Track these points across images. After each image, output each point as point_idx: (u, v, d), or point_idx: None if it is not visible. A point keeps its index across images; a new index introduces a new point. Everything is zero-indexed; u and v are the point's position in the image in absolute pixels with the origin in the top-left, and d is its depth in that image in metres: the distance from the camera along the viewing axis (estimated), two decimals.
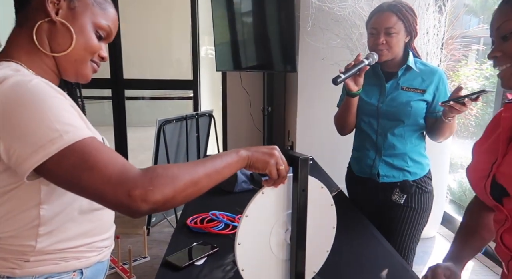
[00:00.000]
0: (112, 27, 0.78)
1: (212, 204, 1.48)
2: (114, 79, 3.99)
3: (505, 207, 0.78)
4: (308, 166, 0.77)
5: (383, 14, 1.36)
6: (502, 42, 0.78)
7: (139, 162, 4.48)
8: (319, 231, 0.86)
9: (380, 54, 1.37)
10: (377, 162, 1.47)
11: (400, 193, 1.41)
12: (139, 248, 2.54)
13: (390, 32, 1.34)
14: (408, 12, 1.36)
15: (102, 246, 0.80)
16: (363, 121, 1.51)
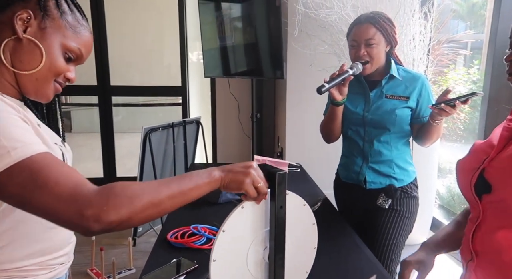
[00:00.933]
0: (83, 51, 0.76)
1: (195, 216, 1.44)
2: (101, 86, 3.93)
3: (482, 203, 0.78)
4: (286, 182, 0.74)
5: (362, 26, 1.37)
6: None
7: (128, 169, 4.41)
8: (298, 250, 0.82)
9: (364, 68, 1.37)
10: (364, 169, 1.48)
11: (385, 197, 1.42)
12: (124, 259, 2.48)
13: (370, 43, 1.36)
14: (386, 23, 1.37)
15: (56, 263, 0.77)
16: (350, 129, 1.52)
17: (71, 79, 0.76)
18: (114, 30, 3.94)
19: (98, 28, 3.77)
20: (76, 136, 7.19)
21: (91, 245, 2.36)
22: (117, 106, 4.20)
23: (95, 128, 4.40)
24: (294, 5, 2.48)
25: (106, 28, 3.80)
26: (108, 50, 3.86)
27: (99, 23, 3.76)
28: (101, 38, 3.80)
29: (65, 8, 0.73)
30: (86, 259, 2.43)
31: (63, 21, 0.72)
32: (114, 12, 3.99)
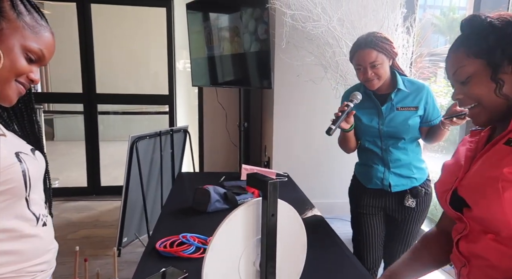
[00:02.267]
0: (45, 51, 0.76)
1: (183, 225, 1.44)
2: (86, 94, 3.89)
3: (465, 216, 0.82)
4: (278, 190, 0.76)
5: (363, 51, 1.47)
6: (461, 86, 0.82)
7: (113, 178, 4.34)
8: (289, 259, 0.84)
9: (371, 85, 1.52)
10: (387, 175, 1.60)
11: (412, 199, 1.58)
12: (109, 270, 2.43)
13: (375, 65, 1.47)
14: (385, 42, 1.47)
15: (36, 270, 0.77)
16: (367, 141, 1.64)
17: (34, 80, 0.76)
18: (101, 38, 3.92)
19: (84, 36, 3.76)
20: (59, 144, 7.05)
21: (74, 256, 2.30)
22: (102, 114, 4.16)
23: (79, 136, 4.33)
24: (282, 17, 2.53)
25: (92, 36, 3.78)
26: (95, 58, 3.84)
27: (86, 31, 3.74)
28: (87, 46, 3.78)
29: (22, 9, 0.73)
30: (69, 270, 2.37)
31: (21, 22, 0.72)
32: (101, 20, 3.98)
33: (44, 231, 0.79)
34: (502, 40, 0.75)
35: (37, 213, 0.77)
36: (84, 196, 3.97)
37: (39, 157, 0.81)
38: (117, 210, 3.65)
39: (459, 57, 0.80)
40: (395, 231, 1.66)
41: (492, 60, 0.76)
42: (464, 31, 0.82)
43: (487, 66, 0.77)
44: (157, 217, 2.86)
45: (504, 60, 0.76)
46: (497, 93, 0.76)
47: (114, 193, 3.96)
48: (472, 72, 0.78)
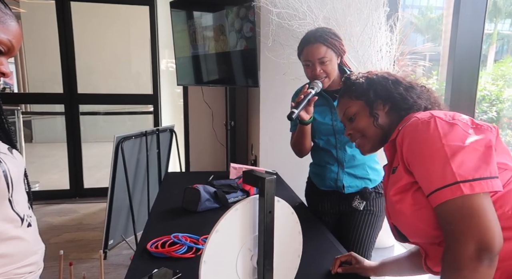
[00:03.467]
0: (13, 42, 0.72)
1: (174, 225, 1.42)
2: (67, 94, 3.79)
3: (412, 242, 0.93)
4: (275, 187, 0.75)
5: (313, 46, 1.43)
6: (350, 123, 1.03)
7: (96, 180, 4.25)
8: (285, 257, 0.84)
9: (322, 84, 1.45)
10: (341, 175, 1.54)
11: (360, 200, 1.49)
12: (95, 274, 2.38)
13: (324, 61, 1.43)
14: (334, 38, 1.44)
15: (23, 272, 0.75)
16: (321, 139, 1.57)
17: (6, 73, 0.73)
18: (82, 37, 3.83)
19: (64, 35, 3.66)
20: (38, 146, 6.84)
21: (58, 260, 2.24)
22: (84, 115, 4.06)
23: (59, 138, 4.22)
24: (268, 15, 2.53)
25: (73, 34, 3.69)
26: (75, 58, 3.74)
27: (65, 29, 3.65)
28: (67, 45, 3.68)
29: None
30: (53, 275, 2.30)
31: None
32: (82, 20, 3.88)
33: (29, 232, 0.76)
34: (372, 85, 1.00)
35: (21, 213, 0.74)
36: (66, 199, 3.87)
37: (17, 156, 0.78)
38: (101, 213, 3.57)
39: (345, 101, 1.04)
40: (347, 235, 1.55)
41: (368, 100, 0.99)
42: (346, 83, 1.07)
43: (365, 105, 0.99)
44: (144, 218, 2.82)
45: (376, 99, 0.98)
46: (375, 124, 0.97)
47: (98, 195, 3.88)
48: (355, 111, 1.01)
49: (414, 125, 0.83)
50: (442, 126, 0.79)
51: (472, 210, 0.71)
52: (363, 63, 2.61)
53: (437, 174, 0.75)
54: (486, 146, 0.76)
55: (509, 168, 0.81)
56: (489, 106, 5.82)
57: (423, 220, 0.82)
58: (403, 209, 0.84)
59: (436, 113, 0.83)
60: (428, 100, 0.96)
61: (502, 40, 7.60)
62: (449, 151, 0.75)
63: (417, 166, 0.81)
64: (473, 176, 0.72)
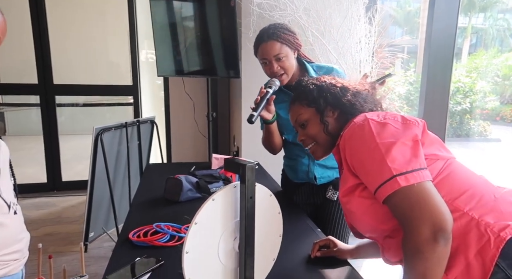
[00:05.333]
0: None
1: (156, 215, 1.43)
2: (42, 85, 3.67)
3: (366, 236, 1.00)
4: (255, 173, 0.77)
5: (267, 44, 1.43)
6: (302, 129, 1.07)
7: (75, 173, 4.17)
8: (266, 239, 0.86)
9: (280, 81, 1.45)
10: (312, 167, 1.56)
11: (333, 190, 1.52)
12: (75, 266, 2.36)
13: (280, 57, 1.42)
14: (287, 33, 1.44)
15: (8, 259, 0.76)
16: (289, 134, 1.59)
17: None
18: (57, 26, 3.70)
19: (38, 23, 3.53)
20: (11, 139, 6.61)
21: (37, 254, 2.20)
22: (60, 107, 3.95)
23: (33, 130, 4.09)
24: (249, 6, 2.53)
25: (47, 24, 3.56)
26: (51, 47, 3.62)
27: (39, 17, 3.52)
28: (41, 33, 3.56)
29: None
30: (32, 268, 2.26)
31: None
32: (56, 8, 3.75)
33: (14, 220, 0.76)
34: (322, 92, 1.03)
35: (8, 200, 0.74)
36: (43, 193, 3.78)
37: (2, 145, 0.77)
38: (80, 206, 3.51)
39: (296, 108, 1.08)
40: (324, 226, 1.56)
41: (319, 107, 1.03)
42: (296, 90, 1.12)
43: (316, 113, 1.03)
44: (125, 210, 2.80)
45: (326, 107, 1.02)
46: (325, 131, 1.01)
47: (77, 188, 3.81)
48: (307, 118, 1.05)
49: (352, 130, 0.89)
50: (375, 126, 0.85)
51: (417, 196, 0.76)
52: (342, 55, 2.65)
53: (376, 172, 0.81)
54: (414, 140, 0.82)
55: (440, 158, 0.87)
56: (463, 98, 6.01)
57: (371, 217, 0.88)
58: (352, 209, 0.91)
59: (370, 115, 0.90)
60: (372, 103, 1.03)
61: (476, 33, 7.81)
62: (383, 148, 0.81)
63: (359, 168, 0.86)
64: (406, 169, 0.78)
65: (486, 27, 8.72)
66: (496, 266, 0.76)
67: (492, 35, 8.45)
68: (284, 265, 1.04)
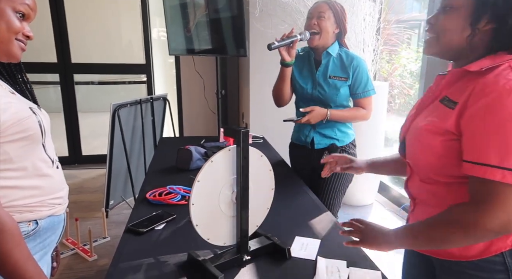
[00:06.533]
0: (31, 6, 0.86)
1: (169, 180, 1.62)
2: (62, 63, 3.87)
3: (407, 161, 0.97)
4: (248, 138, 0.94)
5: (318, 4, 1.67)
6: (442, 13, 0.83)
7: (93, 148, 4.42)
8: (260, 192, 1.03)
9: (311, 41, 1.62)
10: (311, 133, 1.77)
11: (328, 154, 1.65)
12: (98, 230, 2.61)
13: (321, 15, 1.61)
14: (339, 7, 1.64)
15: (54, 203, 0.94)
16: (301, 101, 1.79)
17: (30, 36, 0.88)
18: (73, 6, 3.85)
19: (55, 4, 3.68)
20: None
21: None
22: (77, 85, 4.14)
23: (52, 108, 4.31)
24: None
25: (64, 4, 3.71)
26: (68, 27, 3.79)
27: None
28: (59, 14, 3.72)
29: None
30: None
31: None
32: None
33: (57, 172, 0.95)
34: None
35: (51, 157, 0.93)
36: (66, 165, 4.05)
37: (45, 113, 0.95)
38: (100, 177, 3.77)
39: None
40: (318, 189, 1.73)
41: (481, 4, 0.77)
42: None
43: (473, 9, 0.78)
44: (141, 180, 3.03)
45: (486, 11, 0.76)
46: (466, 38, 0.79)
47: (96, 162, 4.07)
48: (459, 4, 0.79)
49: (498, 91, 0.71)
50: None
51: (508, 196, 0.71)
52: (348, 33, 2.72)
53: (488, 148, 0.71)
54: None
55: None
56: None
57: (437, 159, 0.82)
58: (425, 142, 0.84)
59: None
60: None
61: None
62: None
63: (473, 135, 0.74)
64: None
65: None
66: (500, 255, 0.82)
67: None
68: (278, 214, 1.23)
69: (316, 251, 1.06)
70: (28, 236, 0.88)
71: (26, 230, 0.87)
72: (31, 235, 0.89)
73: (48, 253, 0.96)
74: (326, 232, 1.19)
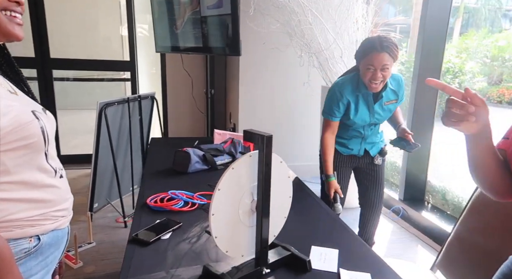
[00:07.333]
0: None
1: (168, 184, 1.53)
2: (39, 58, 3.66)
3: None
4: (272, 143, 0.88)
5: (379, 54, 1.60)
6: None
7: (72, 147, 4.22)
8: (278, 200, 0.98)
9: (374, 88, 1.68)
10: (363, 145, 1.91)
11: (380, 157, 1.92)
12: (82, 234, 2.48)
13: (385, 68, 1.63)
14: (396, 49, 1.63)
15: (57, 215, 0.85)
16: (354, 129, 1.86)
17: (19, 1, 0.76)
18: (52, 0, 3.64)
19: None
20: None
21: None
22: (55, 81, 3.94)
23: None
24: None
25: None
26: (47, 20, 3.58)
27: None
28: (37, 5, 3.51)
29: None
30: None
31: None
32: None
33: (61, 182, 0.86)
34: None
35: (54, 166, 0.83)
36: None
37: (50, 116, 0.86)
38: (81, 178, 3.59)
39: None
40: (368, 183, 1.97)
41: None
42: None
43: None
44: (128, 182, 2.90)
45: None
46: None
47: (75, 162, 3.88)
48: None
49: None
50: None
51: None
52: (340, 34, 2.72)
53: None
54: None
55: None
56: (452, 78, 6.14)
57: None
58: None
59: None
60: None
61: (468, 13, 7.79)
62: None
63: None
64: None
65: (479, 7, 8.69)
66: None
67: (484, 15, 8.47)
68: (291, 223, 1.18)
69: (337, 262, 1.01)
70: (29, 253, 0.78)
71: (27, 247, 0.78)
72: (33, 252, 0.79)
73: (50, 271, 0.87)
74: (343, 241, 1.15)
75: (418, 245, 2.61)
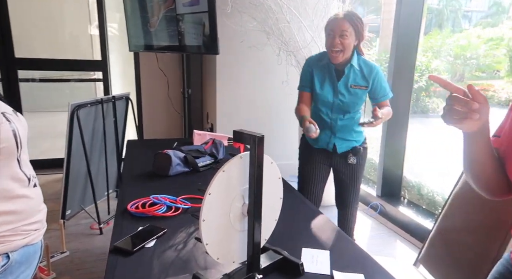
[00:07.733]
0: None
1: (148, 188, 1.47)
2: (3, 58, 3.44)
3: None
4: (263, 143, 0.85)
5: (339, 19, 1.67)
6: None
7: (41, 152, 4.01)
8: (269, 202, 0.95)
9: (335, 58, 1.69)
10: (333, 139, 1.86)
11: (353, 156, 1.87)
12: (54, 243, 2.35)
13: (343, 34, 1.65)
14: (359, 22, 1.67)
15: (29, 229, 0.79)
16: (320, 110, 1.82)
17: None
18: None
19: None
20: None
21: None
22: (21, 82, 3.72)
23: None
24: None
25: None
26: (10, 18, 3.37)
27: None
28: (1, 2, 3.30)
29: None
30: None
31: None
32: None
33: (34, 192, 0.79)
34: None
35: (28, 174, 0.76)
36: None
37: (22, 118, 0.79)
38: (50, 184, 3.42)
39: None
40: (342, 183, 1.94)
41: None
42: None
43: None
44: (103, 187, 2.78)
45: None
46: None
47: (45, 167, 3.68)
48: None
49: None
50: None
51: None
52: (318, 33, 2.72)
53: None
54: None
55: None
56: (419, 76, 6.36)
57: None
58: None
59: None
60: None
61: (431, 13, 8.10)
62: None
63: None
64: None
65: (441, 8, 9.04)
66: None
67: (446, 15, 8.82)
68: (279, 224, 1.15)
69: (329, 264, 1.00)
70: None
71: None
72: (1, 272, 0.72)
73: None
74: (333, 241, 1.13)
75: (397, 240, 2.66)
